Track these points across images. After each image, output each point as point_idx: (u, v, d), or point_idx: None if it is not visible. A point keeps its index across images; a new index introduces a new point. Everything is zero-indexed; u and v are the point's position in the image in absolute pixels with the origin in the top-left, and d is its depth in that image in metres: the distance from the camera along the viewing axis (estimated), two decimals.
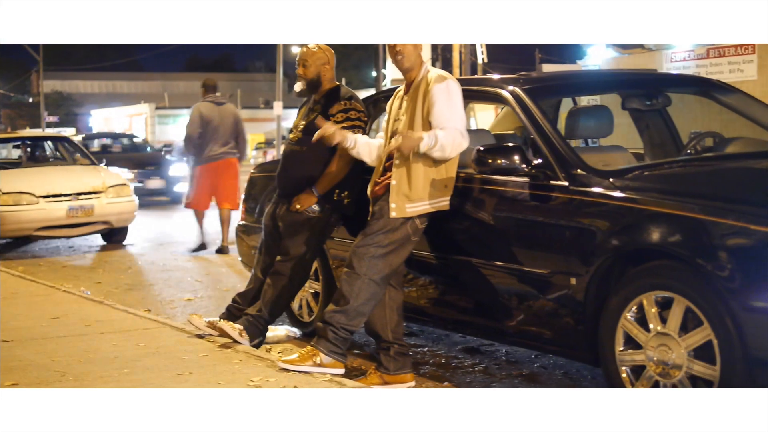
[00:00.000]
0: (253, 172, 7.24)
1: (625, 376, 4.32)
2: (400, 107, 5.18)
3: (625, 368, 4.31)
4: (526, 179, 4.84)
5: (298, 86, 5.93)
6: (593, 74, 8.86)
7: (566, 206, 4.63)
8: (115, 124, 59.92)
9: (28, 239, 12.06)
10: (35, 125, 57.39)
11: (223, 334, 5.72)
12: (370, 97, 6.32)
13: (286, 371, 4.97)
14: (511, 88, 5.22)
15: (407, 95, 5.13)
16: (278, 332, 6.58)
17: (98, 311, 6.89)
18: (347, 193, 5.72)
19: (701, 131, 5.83)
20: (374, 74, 48.92)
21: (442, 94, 4.93)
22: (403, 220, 4.97)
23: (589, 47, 21.17)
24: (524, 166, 4.80)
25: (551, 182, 4.73)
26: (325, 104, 5.77)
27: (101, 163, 13.44)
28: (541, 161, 4.81)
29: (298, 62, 5.89)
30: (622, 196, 4.43)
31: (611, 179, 4.56)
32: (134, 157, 21.06)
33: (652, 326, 4.19)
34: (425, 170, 4.94)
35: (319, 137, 5.22)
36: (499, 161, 4.81)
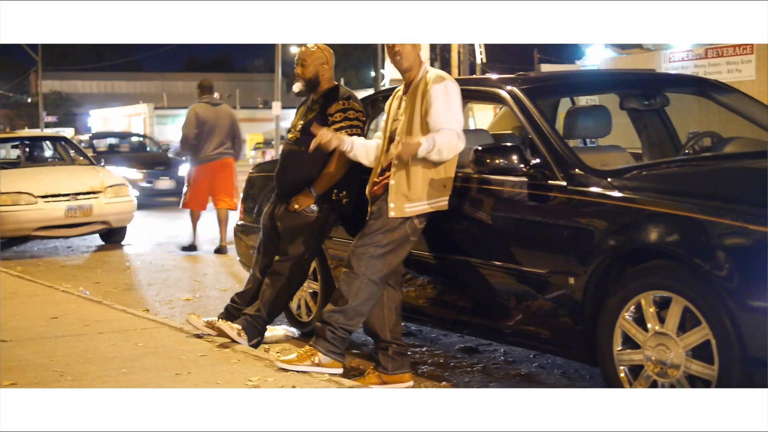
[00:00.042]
0: (251, 172, 7.24)
1: (623, 375, 4.32)
2: (399, 107, 5.18)
3: (623, 368, 4.31)
4: (524, 179, 4.84)
5: (296, 86, 5.93)
6: (591, 74, 8.86)
7: (564, 206, 4.63)
8: (113, 124, 59.92)
9: (26, 239, 12.06)
10: (34, 125, 57.40)
11: (221, 333, 5.72)
12: (368, 96, 6.32)
13: (284, 371, 4.97)
14: (509, 88, 5.22)
15: (406, 95, 5.13)
16: (277, 332, 6.58)
17: (97, 311, 6.89)
18: (345, 193, 5.73)
19: (699, 131, 5.83)
20: (373, 74, 48.90)
21: (440, 94, 4.93)
22: (401, 219, 4.97)
23: (587, 47, 21.17)
24: (522, 166, 4.80)
25: (549, 182, 4.73)
26: (323, 104, 5.77)
27: (107, 163, 13.35)
28: (539, 161, 4.81)
29: (296, 62, 5.90)
30: (620, 195, 4.43)
31: (609, 179, 4.56)
32: (143, 157, 20.32)
33: (650, 326, 4.19)
34: (424, 170, 4.94)
35: (316, 145, 5.21)
36: (497, 161, 4.81)
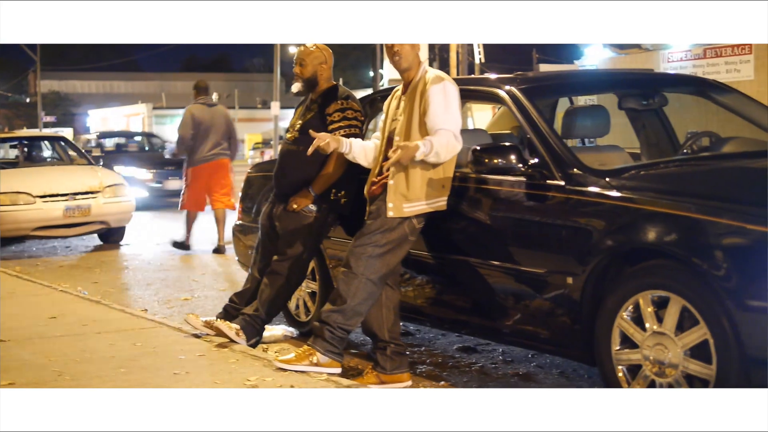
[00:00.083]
0: (250, 171, 7.24)
1: (621, 375, 4.32)
2: (397, 107, 5.17)
3: (621, 367, 4.31)
4: (522, 179, 4.84)
5: (295, 87, 5.93)
6: (590, 74, 8.86)
7: (563, 206, 4.63)
8: (112, 124, 59.91)
9: (25, 239, 12.06)
10: (32, 125, 57.34)
11: (219, 333, 5.72)
12: (366, 96, 6.32)
13: (282, 371, 4.97)
14: (507, 87, 5.22)
15: (405, 95, 5.13)
16: (275, 332, 6.58)
17: (95, 311, 6.89)
18: (344, 192, 5.73)
19: (698, 131, 5.83)
20: (371, 74, 48.87)
21: (438, 95, 4.93)
22: (400, 219, 4.97)
23: (586, 47, 21.18)
24: (521, 165, 4.80)
25: (548, 182, 4.73)
26: (322, 103, 5.77)
27: (115, 163, 13.23)
28: (537, 161, 4.81)
29: (295, 61, 5.90)
30: (618, 195, 4.43)
31: (608, 179, 4.56)
32: (152, 156, 19.80)
33: (648, 325, 4.19)
34: (422, 170, 4.94)
35: (314, 149, 5.21)
36: (495, 161, 4.81)
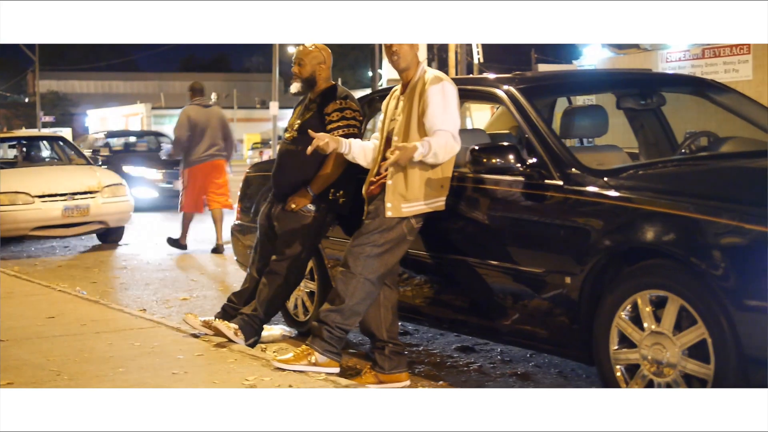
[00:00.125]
0: (248, 171, 7.25)
1: (619, 374, 4.32)
2: (396, 107, 5.17)
3: (619, 367, 4.32)
4: (520, 178, 4.84)
5: (294, 87, 5.93)
6: (588, 74, 8.87)
7: (561, 205, 4.63)
8: (111, 124, 59.88)
9: (23, 239, 12.05)
10: (31, 125, 57.34)
11: (218, 333, 5.72)
12: (365, 96, 6.33)
13: (281, 370, 4.98)
14: (506, 87, 5.22)
15: (404, 95, 5.12)
16: (273, 331, 6.58)
17: (94, 311, 6.89)
18: (342, 192, 5.73)
19: (696, 131, 5.84)
20: (370, 74, 48.87)
21: (437, 95, 4.93)
22: (398, 219, 4.97)
23: (584, 47, 21.20)
24: (519, 165, 4.80)
25: (546, 181, 4.73)
26: (320, 103, 5.78)
27: (125, 163, 13.09)
28: (535, 160, 4.81)
29: (294, 61, 5.90)
30: (616, 195, 4.43)
31: (606, 178, 4.56)
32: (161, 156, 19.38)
33: (646, 325, 4.20)
34: (421, 170, 4.94)
35: (313, 149, 5.21)
36: (494, 161, 4.81)
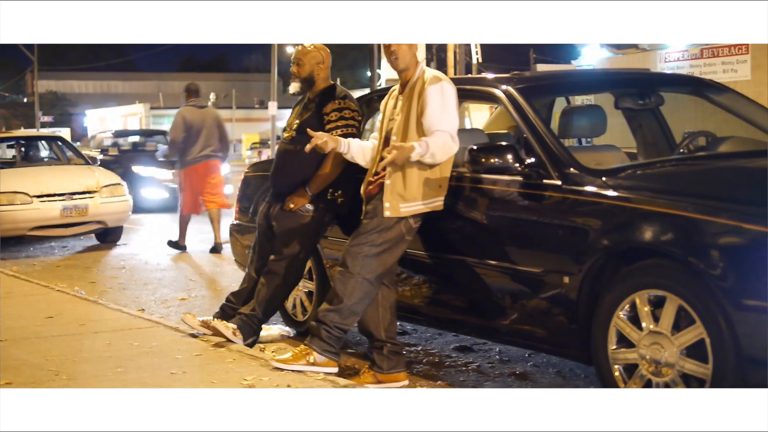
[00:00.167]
0: (247, 171, 7.25)
1: (617, 374, 4.32)
2: (395, 107, 5.17)
3: (617, 367, 4.32)
4: (519, 178, 4.84)
5: (293, 87, 5.93)
6: (586, 74, 8.87)
7: (559, 205, 4.64)
8: (109, 124, 59.82)
9: (22, 239, 12.05)
10: (30, 125, 57.31)
11: (216, 333, 5.72)
12: (363, 96, 6.33)
13: (279, 370, 4.98)
14: (504, 87, 5.23)
15: (402, 95, 5.13)
16: (272, 331, 6.58)
17: (92, 311, 6.89)
18: (341, 192, 5.73)
19: (694, 130, 5.84)
20: (369, 74, 48.86)
21: (435, 96, 4.93)
22: (397, 219, 4.97)
23: (583, 47, 21.20)
24: (517, 165, 4.80)
25: (544, 181, 4.73)
26: (319, 103, 5.78)
27: (134, 163, 12.97)
28: (534, 160, 4.82)
29: (292, 61, 5.91)
30: (614, 195, 4.44)
31: (604, 178, 4.56)
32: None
33: (644, 325, 4.20)
34: (419, 170, 4.94)
35: (311, 147, 5.21)
36: (492, 160, 4.81)
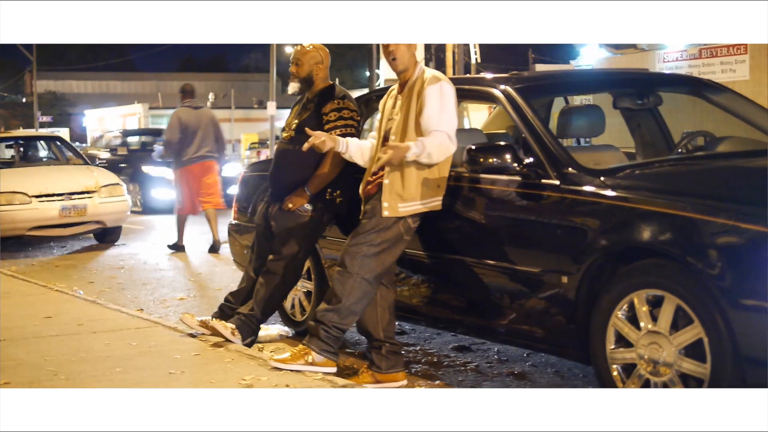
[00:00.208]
0: (245, 171, 7.25)
1: (616, 374, 4.32)
2: (393, 106, 5.18)
3: (616, 366, 4.32)
4: (517, 178, 4.85)
5: (291, 87, 5.93)
6: (585, 74, 8.87)
7: (557, 205, 4.64)
8: (108, 124, 59.78)
9: (20, 239, 12.04)
10: (28, 125, 57.23)
11: (215, 333, 5.72)
12: (362, 96, 6.33)
13: (278, 370, 4.98)
14: (502, 87, 5.23)
15: (401, 94, 5.13)
16: (270, 331, 6.57)
17: (91, 310, 6.89)
18: (339, 192, 5.73)
19: (693, 130, 5.84)
20: (368, 74, 48.86)
21: (434, 96, 4.93)
22: (395, 219, 4.97)
23: (582, 47, 21.20)
24: (516, 165, 4.81)
25: (542, 181, 4.73)
26: (318, 103, 5.78)
27: (143, 163, 12.85)
28: (532, 160, 4.82)
29: (291, 61, 5.90)
30: (613, 194, 4.44)
31: (602, 178, 4.57)
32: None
33: (643, 324, 4.20)
34: (418, 170, 4.94)
35: (309, 146, 5.21)
36: (490, 160, 4.81)
